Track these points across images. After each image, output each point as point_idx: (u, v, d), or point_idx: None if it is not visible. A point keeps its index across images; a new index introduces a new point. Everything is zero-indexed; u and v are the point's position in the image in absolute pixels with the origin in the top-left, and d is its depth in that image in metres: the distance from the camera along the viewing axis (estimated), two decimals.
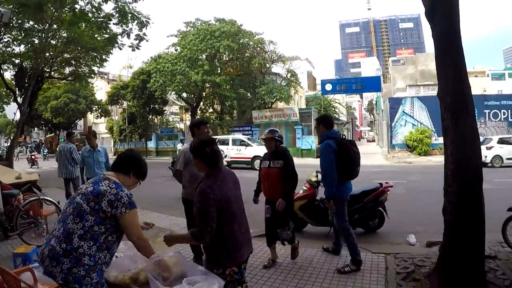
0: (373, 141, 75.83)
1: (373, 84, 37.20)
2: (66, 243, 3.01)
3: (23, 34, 18.93)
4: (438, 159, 24.16)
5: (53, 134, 59.82)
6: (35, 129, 62.17)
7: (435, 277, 5.00)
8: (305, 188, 8.33)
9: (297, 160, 21.52)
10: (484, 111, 29.92)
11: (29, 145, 47.68)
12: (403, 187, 13.75)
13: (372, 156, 28.60)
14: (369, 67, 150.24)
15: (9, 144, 24.52)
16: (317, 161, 6.74)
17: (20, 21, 17.84)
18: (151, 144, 45.14)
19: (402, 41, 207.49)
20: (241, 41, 35.82)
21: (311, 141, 33.62)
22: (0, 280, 4.54)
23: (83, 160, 9.46)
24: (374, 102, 76.93)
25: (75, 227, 3.05)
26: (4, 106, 35.94)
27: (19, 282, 3.71)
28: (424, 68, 47.30)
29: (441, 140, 28.38)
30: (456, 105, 4.73)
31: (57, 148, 11.75)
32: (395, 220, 8.39)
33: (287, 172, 5.95)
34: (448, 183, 4.89)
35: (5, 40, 19.82)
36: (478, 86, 44.30)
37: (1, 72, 21.58)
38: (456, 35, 4.84)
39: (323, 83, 37.42)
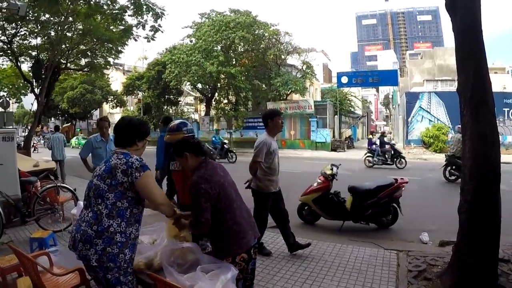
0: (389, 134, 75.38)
1: (389, 77, 36.93)
2: (97, 225, 3.12)
3: (39, 27, 19.10)
4: None
5: (69, 123, 60.31)
6: (52, 119, 62.59)
7: (446, 277, 4.95)
8: (319, 181, 8.34)
9: (311, 153, 21.51)
10: (503, 109, 29.35)
11: (45, 135, 48.10)
12: (418, 184, 13.63)
13: None
14: (385, 60, 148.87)
15: (26, 133, 24.79)
16: (331, 154, 6.67)
17: (36, 14, 17.99)
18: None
19: (420, 34, 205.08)
20: (256, 32, 35.68)
21: (325, 134, 33.49)
22: (17, 263, 4.65)
23: (92, 151, 7.93)
24: (390, 96, 76.29)
25: (100, 208, 3.16)
26: (22, 97, 36.23)
27: (35, 265, 3.78)
28: (442, 62, 46.71)
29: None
30: (476, 101, 4.64)
31: (51, 137, 15.44)
32: (408, 217, 8.38)
33: None
34: (465, 181, 4.82)
35: (22, 33, 19.98)
36: (497, 82, 43.71)
37: (19, 64, 21.86)
38: (477, 29, 4.73)
39: (339, 75, 37.30)
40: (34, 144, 34.78)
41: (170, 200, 4.52)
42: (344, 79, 36.19)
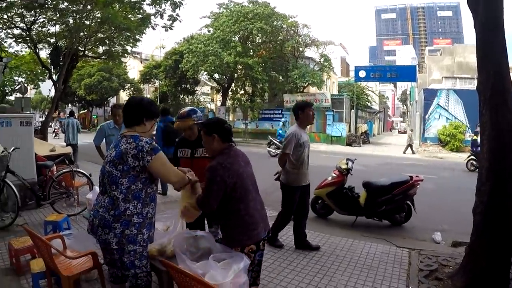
0: (405, 132, 74.81)
1: (408, 73, 36.59)
2: (114, 210, 3.19)
3: (58, 15, 19.31)
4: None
5: (86, 110, 60.76)
6: (69, 105, 63.00)
7: (458, 278, 4.90)
8: (334, 175, 8.30)
9: (326, 147, 21.50)
10: None
11: (62, 120, 48.61)
12: (433, 183, 13.51)
13: (403, 148, 28.18)
14: (404, 55, 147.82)
15: (44, 119, 25.10)
16: (346, 149, 6.64)
17: (55, 2, 18.21)
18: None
19: (440, 30, 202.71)
20: (274, 23, 35.52)
21: (341, 128, 33.34)
22: (31, 244, 4.71)
23: (104, 138, 7.65)
24: (407, 93, 75.81)
25: (115, 193, 3.20)
26: (40, 83, 36.67)
27: (49, 248, 3.84)
28: (462, 60, 45.95)
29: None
30: (496, 101, 4.58)
31: (65, 122, 15.93)
32: (422, 216, 8.34)
33: None
34: (482, 181, 4.76)
35: (41, 20, 20.26)
36: None
37: (37, 51, 22.22)
38: (499, 27, 4.66)
39: (357, 69, 37.06)
40: (56, 130, 35.30)
41: None
42: (362, 73, 35.97)
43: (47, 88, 26.42)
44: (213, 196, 3.45)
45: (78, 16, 19.08)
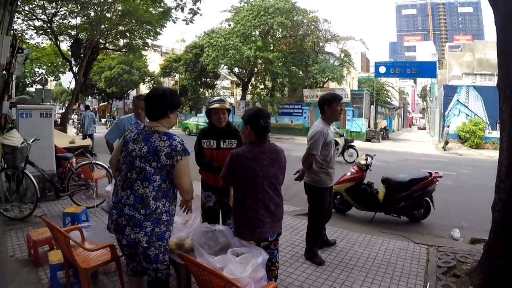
0: (424, 129, 74.46)
1: (428, 69, 36.30)
2: (145, 208, 3.18)
3: (79, 7, 19.57)
4: (491, 154, 23.52)
5: (106, 103, 61.24)
6: (89, 97, 63.63)
7: (476, 275, 4.86)
8: (353, 170, 8.28)
9: None
10: None
11: (81, 112, 49.06)
12: (452, 179, 13.44)
13: (422, 144, 28.03)
14: (424, 51, 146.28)
15: (63, 110, 25.44)
16: (366, 144, 6.55)
17: None
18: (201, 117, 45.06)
19: (460, 26, 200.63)
20: (295, 18, 35.47)
21: (361, 124, 33.35)
22: (49, 236, 4.74)
23: (120, 131, 5.82)
24: (427, 89, 75.24)
25: (146, 191, 3.19)
26: (60, 75, 37.12)
27: (68, 239, 3.85)
28: (482, 56, 45.41)
29: (495, 134, 27.62)
30: None
31: (83, 115, 18.55)
32: (440, 212, 8.28)
33: None
34: (501, 178, 4.71)
35: (62, 12, 20.56)
36: None
37: (58, 43, 22.54)
38: None
39: (377, 65, 36.92)
40: (76, 122, 35.52)
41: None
42: (382, 69, 35.82)
43: (68, 80, 26.73)
44: (224, 176, 3.73)
45: (99, 8, 19.30)
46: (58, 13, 20.21)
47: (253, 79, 40.62)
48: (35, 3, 18.81)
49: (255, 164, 3.57)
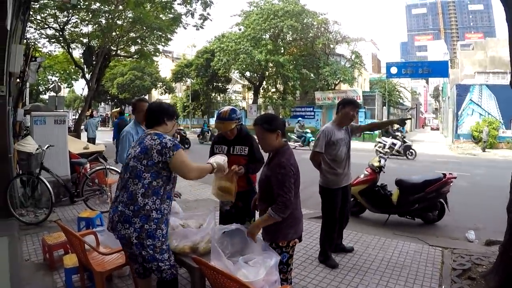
0: (437, 129, 73.88)
1: (440, 69, 36.16)
2: (133, 205, 3.27)
3: (90, 15, 19.94)
4: (505, 153, 23.31)
5: (118, 108, 61.59)
6: (102, 103, 64.12)
7: (491, 277, 4.80)
8: (366, 172, 8.22)
9: (358, 144, 21.47)
10: None
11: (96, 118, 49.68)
12: (466, 180, 13.27)
13: (435, 145, 27.76)
14: (436, 51, 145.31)
15: (77, 117, 25.79)
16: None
17: (87, 3, 18.78)
18: (213, 122, 44.89)
19: (471, 24, 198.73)
20: (304, 21, 35.49)
21: None
22: (64, 240, 4.79)
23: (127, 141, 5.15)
24: (440, 88, 74.77)
25: (136, 187, 3.30)
26: (73, 82, 37.54)
27: (83, 243, 3.91)
28: (494, 54, 44.90)
29: (509, 133, 27.30)
30: None
31: (87, 121, 21.10)
32: (455, 214, 8.22)
33: (255, 159, 4.62)
34: None
35: (74, 21, 21.00)
36: None
37: (70, 50, 22.91)
38: None
39: (388, 66, 36.81)
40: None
41: None
42: (394, 70, 35.69)
43: (80, 87, 27.08)
44: (292, 189, 3.45)
45: (110, 16, 19.52)
46: (70, 22, 20.54)
47: (264, 82, 40.64)
48: (47, 12, 19.10)
49: (297, 164, 3.62)
